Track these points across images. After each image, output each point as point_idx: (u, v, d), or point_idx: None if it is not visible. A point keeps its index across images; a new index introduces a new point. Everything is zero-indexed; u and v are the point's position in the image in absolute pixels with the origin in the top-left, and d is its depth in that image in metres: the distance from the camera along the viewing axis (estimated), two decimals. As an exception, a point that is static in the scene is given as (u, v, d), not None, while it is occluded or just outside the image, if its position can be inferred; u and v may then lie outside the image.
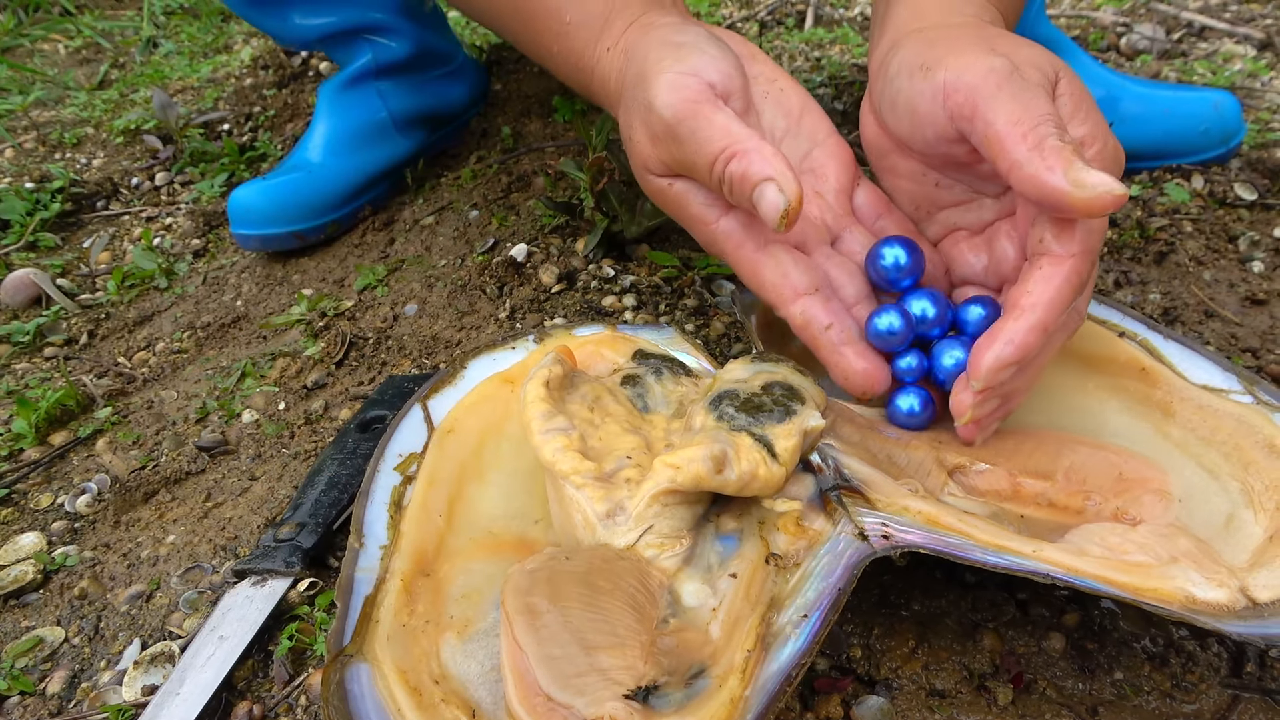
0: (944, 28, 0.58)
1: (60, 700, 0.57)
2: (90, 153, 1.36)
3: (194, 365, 0.90)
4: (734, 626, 0.46)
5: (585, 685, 0.43)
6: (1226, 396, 0.56)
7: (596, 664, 0.44)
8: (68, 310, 1.02)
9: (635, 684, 0.43)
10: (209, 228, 1.15)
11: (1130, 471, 0.54)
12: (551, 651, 0.44)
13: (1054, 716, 0.51)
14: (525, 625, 0.45)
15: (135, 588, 0.64)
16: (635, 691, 0.43)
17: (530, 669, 0.43)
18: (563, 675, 0.43)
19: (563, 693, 0.42)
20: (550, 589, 0.46)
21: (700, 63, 0.55)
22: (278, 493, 0.70)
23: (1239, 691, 0.51)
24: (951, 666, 0.53)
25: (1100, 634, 0.55)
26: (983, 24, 0.59)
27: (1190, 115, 1.00)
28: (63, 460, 0.79)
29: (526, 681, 0.43)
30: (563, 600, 0.46)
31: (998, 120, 0.49)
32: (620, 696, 0.42)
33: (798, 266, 0.56)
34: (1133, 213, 0.97)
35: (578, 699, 0.42)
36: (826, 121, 0.62)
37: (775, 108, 0.62)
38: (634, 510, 0.50)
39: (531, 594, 0.46)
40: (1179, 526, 0.51)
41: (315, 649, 0.57)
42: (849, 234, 0.60)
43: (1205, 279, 0.88)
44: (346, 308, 0.92)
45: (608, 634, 0.45)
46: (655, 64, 0.56)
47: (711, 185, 0.54)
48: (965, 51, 0.52)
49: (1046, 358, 0.53)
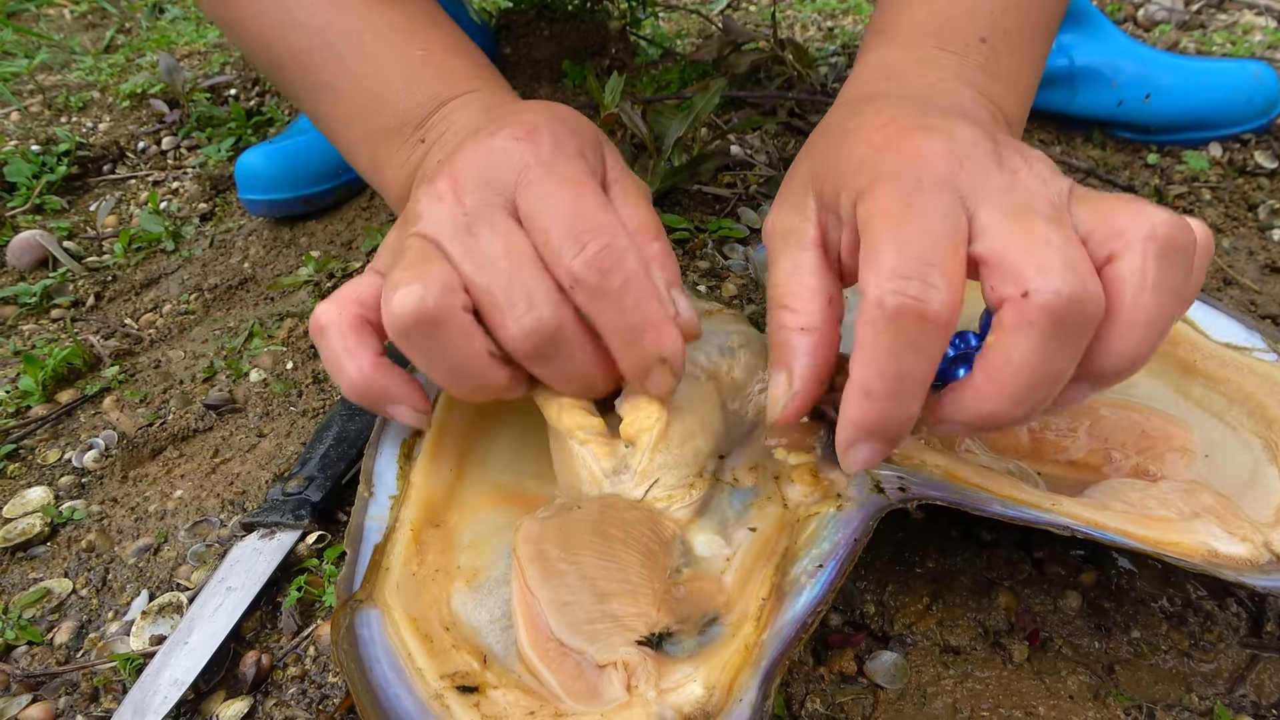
0: (863, 106, 0.48)
1: (68, 650, 0.56)
2: (96, 117, 1.35)
3: (201, 326, 0.90)
4: (748, 576, 0.46)
5: (597, 632, 0.42)
6: (1250, 354, 0.56)
7: (609, 611, 0.43)
8: (74, 272, 1.01)
9: (648, 631, 0.43)
10: (216, 191, 1.14)
11: (1153, 429, 0.53)
12: (564, 598, 0.43)
13: (1070, 674, 0.50)
14: (537, 572, 0.44)
15: (143, 541, 0.63)
16: (648, 638, 0.42)
17: (542, 614, 0.43)
18: (574, 621, 0.42)
19: (575, 638, 0.42)
20: (562, 536, 0.46)
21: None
22: (285, 449, 0.70)
23: (1258, 651, 0.51)
24: (966, 623, 0.53)
25: (1117, 593, 0.54)
26: (899, 106, 0.46)
27: (1231, 86, 0.98)
28: (70, 417, 0.78)
29: (538, 626, 0.43)
30: (575, 548, 0.45)
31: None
32: (633, 643, 0.42)
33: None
34: (1151, 180, 0.96)
35: (590, 645, 0.42)
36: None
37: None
38: (638, 466, 0.49)
39: (543, 542, 0.46)
40: (1201, 483, 0.50)
41: (324, 601, 0.57)
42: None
43: (1224, 247, 0.86)
44: (354, 269, 0.91)
45: (620, 581, 0.44)
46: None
47: None
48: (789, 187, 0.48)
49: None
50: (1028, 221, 0.39)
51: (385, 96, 0.56)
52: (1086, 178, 0.96)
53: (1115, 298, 0.38)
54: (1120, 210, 0.39)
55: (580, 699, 0.41)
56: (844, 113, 0.49)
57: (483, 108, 0.54)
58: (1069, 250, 0.38)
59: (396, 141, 0.56)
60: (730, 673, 0.41)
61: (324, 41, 0.56)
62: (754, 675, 0.41)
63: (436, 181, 0.47)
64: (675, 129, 0.85)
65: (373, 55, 0.56)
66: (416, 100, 0.55)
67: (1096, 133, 1.03)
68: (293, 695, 0.52)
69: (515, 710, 0.41)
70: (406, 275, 0.44)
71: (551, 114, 0.49)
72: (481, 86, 0.56)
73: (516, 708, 0.41)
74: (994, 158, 0.42)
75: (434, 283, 0.43)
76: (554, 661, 0.41)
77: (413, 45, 0.56)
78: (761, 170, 0.97)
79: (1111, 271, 0.39)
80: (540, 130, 0.47)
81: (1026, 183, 0.41)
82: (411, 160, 0.55)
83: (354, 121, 0.57)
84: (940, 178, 0.40)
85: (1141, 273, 0.38)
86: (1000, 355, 0.39)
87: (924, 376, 0.39)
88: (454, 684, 0.42)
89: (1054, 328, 0.37)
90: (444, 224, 0.45)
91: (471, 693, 0.42)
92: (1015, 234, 0.38)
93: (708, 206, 0.92)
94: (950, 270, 0.38)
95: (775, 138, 1.04)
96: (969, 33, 0.52)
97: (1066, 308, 0.37)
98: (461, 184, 0.46)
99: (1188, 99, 0.99)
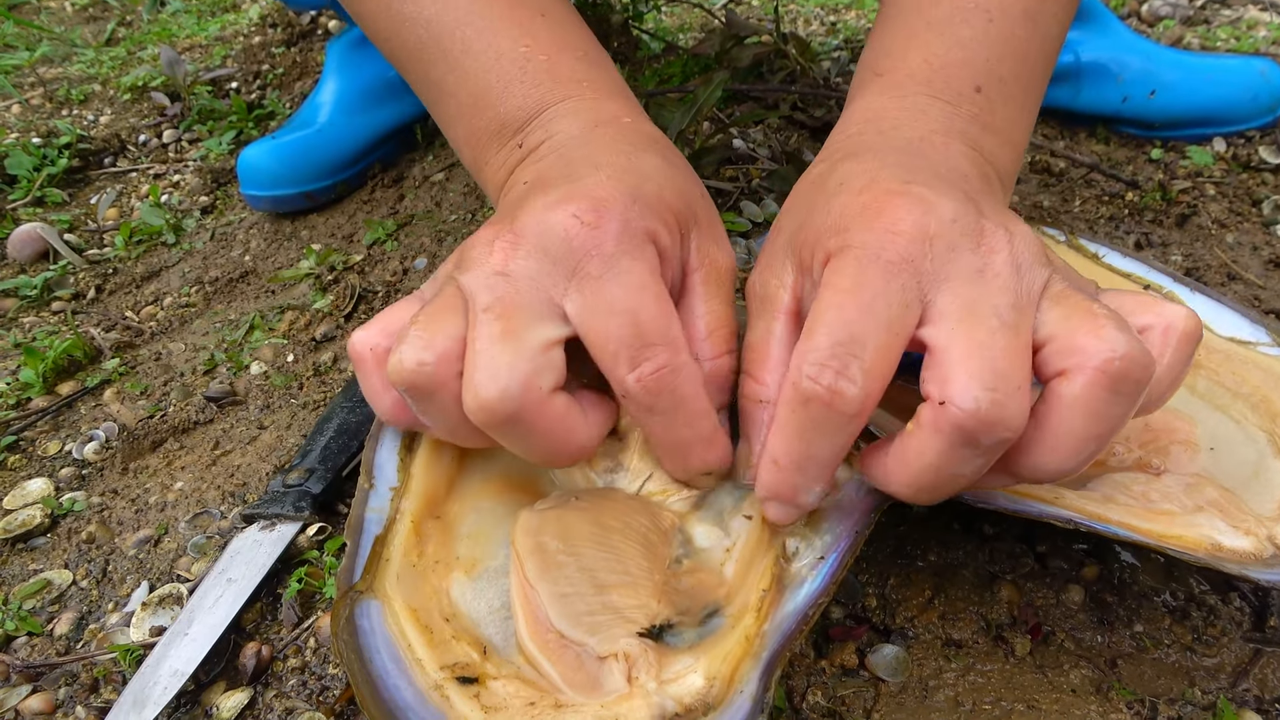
0: (847, 164, 0.47)
1: (68, 641, 0.56)
2: (98, 109, 1.35)
3: (202, 319, 0.90)
4: (748, 567, 0.45)
5: (598, 623, 0.42)
6: (1255, 349, 0.55)
7: (609, 602, 0.43)
8: (75, 265, 1.01)
9: (649, 622, 0.43)
10: (217, 184, 1.14)
11: (1156, 422, 0.53)
12: (563, 590, 0.43)
13: (1072, 668, 0.50)
14: (536, 564, 0.44)
15: (143, 532, 0.63)
16: (649, 630, 0.42)
17: (542, 606, 0.42)
18: (575, 613, 0.42)
19: (575, 630, 0.42)
20: (561, 528, 0.46)
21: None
22: (286, 441, 0.70)
23: (1261, 645, 0.51)
24: (968, 617, 0.52)
25: (1120, 587, 0.54)
26: (881, 165, 0.45)
27: (1237, 83, 0.98)
28: (70, 409, 0.78)
29: (538, 618, 0.42)
30: (574, 540, 0.45)
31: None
32: (634, 634, 0.42)
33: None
34: (1154, 175, 0.95)
35: (590, 637, 0.42)
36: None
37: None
38: (629, 463, 0.50)
39: (542, 534, 0.46)
40: (1205, 476, 0.50)
41: (324, 592, 0.56)
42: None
43: (1228, 242, 0.86)
44: (355, 261, 0.91)
45: (620, 573, 0.44)
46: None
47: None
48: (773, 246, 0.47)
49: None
50: (975, 323, 0.38)
51: (486, 98, 0.53)
52: (1090, 172, 0.96)
53: (1050, 414, 0.38)
54: (1085, 329, 0.38)
55: (581, 690, 0.41)
56: (826, 169, 0.48)
57: (587, 124, 0.51)
58: (1003, 363, 0.37)
59: (496, 144, 0.54)
60: (731, 664, 0.41)
61: (430, 37, 0.55)
62: (755, 667, 0.40)
63: (501, 235, 0.44)
64: (677, 122, 0.85)
65: (476, 53, 0.54)
66: (517, 103, 0.53)
67: (1100, 128, 1.03)
68: (293, 686, 0.52)
69: (515, 701, 0.41)
70: (416, 332, 0.44)
71: (633, 183, 0.46)
72: (587, 91, 0.53)
73: (516, 698, 0.41)
74: (971, 236, 0.40)
75: (434, 348, 0.43)
76: (554, 653, 0.41)
77: (517, 42, 0.54)
78: (764, 164, 0.96)
79: (1056, 387, 0.38)
80: (610, 211, 0.44)
81: (997, 271, 0.39)
82: (508, 164, 0.53)
83: (458, 120, 0.56)
84: (902, 258, 0.39)
85: (1083, 401, 0.37)
86: (912, 448, 0.39)
87: (830, 457, 0.40)
88: (454, 675, 0.42)
89: (962, 441, 0.37)
90: (484, 274, 0.44)
91: (471, 684, 0.42)
92: (957, 335, 0.38)
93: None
94: (874, 363, 0.38)
95: (778, 132, 1.03)
96: (964, 81, 0.50)
97: (976, 427, 0.36)
98: (518, 246, 0.44)
99: (1193, 96, 0.98)
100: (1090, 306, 0.39)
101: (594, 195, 0.44)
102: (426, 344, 0.43)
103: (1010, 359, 0.37)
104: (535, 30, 0.54)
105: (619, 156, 0.47)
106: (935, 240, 0.40)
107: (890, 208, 0.41)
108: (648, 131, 0.52)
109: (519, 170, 0.52)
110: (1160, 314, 0.41)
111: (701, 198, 0.50)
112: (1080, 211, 0.91)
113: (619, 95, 0.54)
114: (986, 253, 0.40)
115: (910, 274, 0.39)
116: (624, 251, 0.43)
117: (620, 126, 0.51)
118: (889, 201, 0.41)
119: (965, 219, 0.40)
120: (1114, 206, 0.91)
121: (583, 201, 0.44)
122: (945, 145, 0.47)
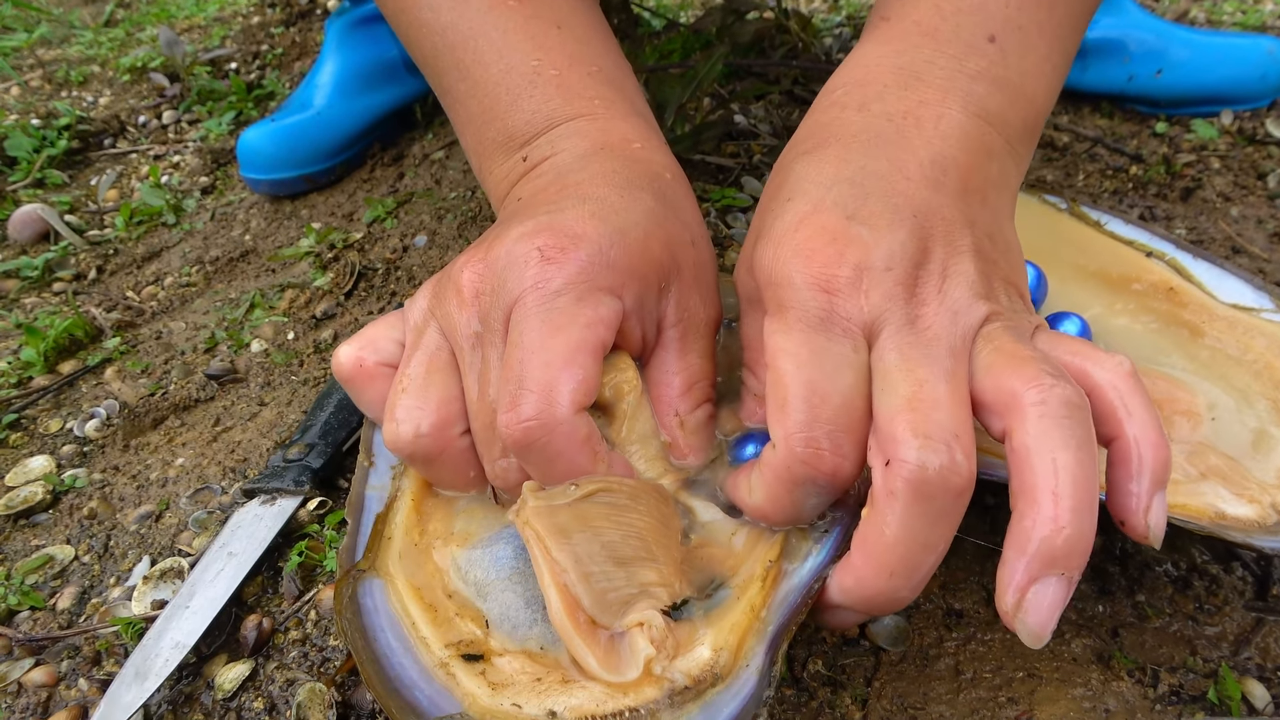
0: (798, 178, 0.44)
1: (70, 615, 0.56)
2: (97, 91, 1.34)
3: (202, 298, 0.89)
4: (757, 539, 0.45)
5: (626, 602, 0.41)
6: (1258, 315, 0.55)
7: (634, 580, 0.42)
8: (76, 246, 1.01)
9: (671, 600, 0.42)
10: (217, 165, 1.14)
11: (1158, 392, 0.52)
12: (589, 569, 0.42)
13: (1074, 637, 0.50)
14: (557, 544, 0.43)
15: (144, 508, 0.63)
16: (670, 608, 0.42)
17: (574, 586, 0.41)
18: (603, 593, 0.41)
19: (604, 613, 0.41)
20: (574, 510, 0.45)
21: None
22: (287, 418, 0.70)
23: (1264, 614, 0.50)
24: (970, 587, 0.52)
25: (1122, 557, 0.54)
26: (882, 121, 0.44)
27: (1245, 61, 0.97)
28: (71, 388, 0.78)
29: (571, 600, 0.41)
30: (590, 519, 0.44)
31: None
32: (659, 610, 0.41)
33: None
34: (1159, 149, 0.94)
35: (618, 618, 0.41)
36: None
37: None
38: (615, 437, 0.49)
39: (556, 515, 0.44)
40: (1207, 444, 0.49)
41: (325, 566, 0.56)
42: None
43: (1232, 215, 0.85)
44: (355, 239, 0.91)
45: (641, 550, 0.43)
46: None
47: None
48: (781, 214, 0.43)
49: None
50: (908, 376, 0.37)
51: (495, 109, 0.53)
52: (1094, 146, 0.95)
53: (1014, 455, 0.36)
54: (1011, 372, 0.37)
55: (613, 671, 0.40)
56: (790, 160, 0.46)
57: (593, 145, 0.50)
58: (939, 414, 0.36)
59: (502, 155, 0.53)
60: (738, 635, 0.41)
61: (445, 44, 0.54)
62: (761, 639, 0.40)
63: (471, 264, 0.45)
64: (677, 97, 0.84)
65: (487, 64, 0.53)
66: (525, 117, 0.52)
67: (1105, 104, 1.02)
68: (294, 658, 0.52)
69: (521, 677, 0.41)
70: (408, 399, 0.45)
71: (617, 225, 0.44)
72: (599, 109, 0.52)
73: (523, 674, 0.41)
74: (905, 285, 0.39)
75: (429, 417, 0.44)
76: (587, 634, 0.40)
77: (529, 55, 0.52)
78: (766, 140, 0.96)
79: (1010, 443, 0.37)
80: (578, 249, 0.43)
81: (930, 322, 0.39)
82: (510, 177, 0.53)
83: (467, 128, 0.55)
84: (843, 318, 0.39)
85: (1035, 437, 0.35)
86: (874, 528, 0.38)
87: (817, 508, 0.42)
88: (459, 652, 0.42)
89: (916, 497, 0.36)
90: (460, 326, 0.45)
91: (477, 660, 0.42)
92: (894, 393, 0.37)
93: (711, 176, 0.91)
94: (853, 437, 0.39)
95: (779, 108, 1.03)
96: (975, 31, 0.46)
97: (926, 478, 0.35)
98: (484, 281, 0.44)
99: (1200, 75, 0.98)
100: (1016, 350, 0.38)
101: (569, 231, 0.43)
102: (422, 411, 0.44)
103: (948, 409, 0.36)
104: (549, 44, 0.53)
105: (612, 192, 0.46)
106: (870, 291, 0.39)
107: (824, 252, 0.40)
108: (654, 163, 0.51)
109: (519, 185, 0.52)
110: (1097, 361, 0.39)
111: (691, 245, 0.48)
112: (1084, 185, 0.90)
113: (632, 115, 0.53)
114: (918, 304, 0.39)
115: (854, 333, 0.39)
116: (567, 292, 0.42)
117: (626, 154, 0.50)
118: (824, 245, 0.40)
119: (899, 265, 0.39)
120: (1118, 180, 0.90)
121: (553, 236, 0.43)
122: (936, 119, 0.44)
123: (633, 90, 0.55)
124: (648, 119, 0.55)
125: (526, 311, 0.42)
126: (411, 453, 0.45)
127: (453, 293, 0.45)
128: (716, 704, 0.38)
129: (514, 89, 0.52)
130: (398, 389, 0.45)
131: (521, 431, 0.41)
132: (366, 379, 0.48)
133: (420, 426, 0.44)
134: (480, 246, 0.46)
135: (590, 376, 0.42)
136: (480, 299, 0.44)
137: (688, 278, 0.47)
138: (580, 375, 0.41)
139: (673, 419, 0.47)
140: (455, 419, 0.45)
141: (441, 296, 0.46)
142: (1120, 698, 0.47)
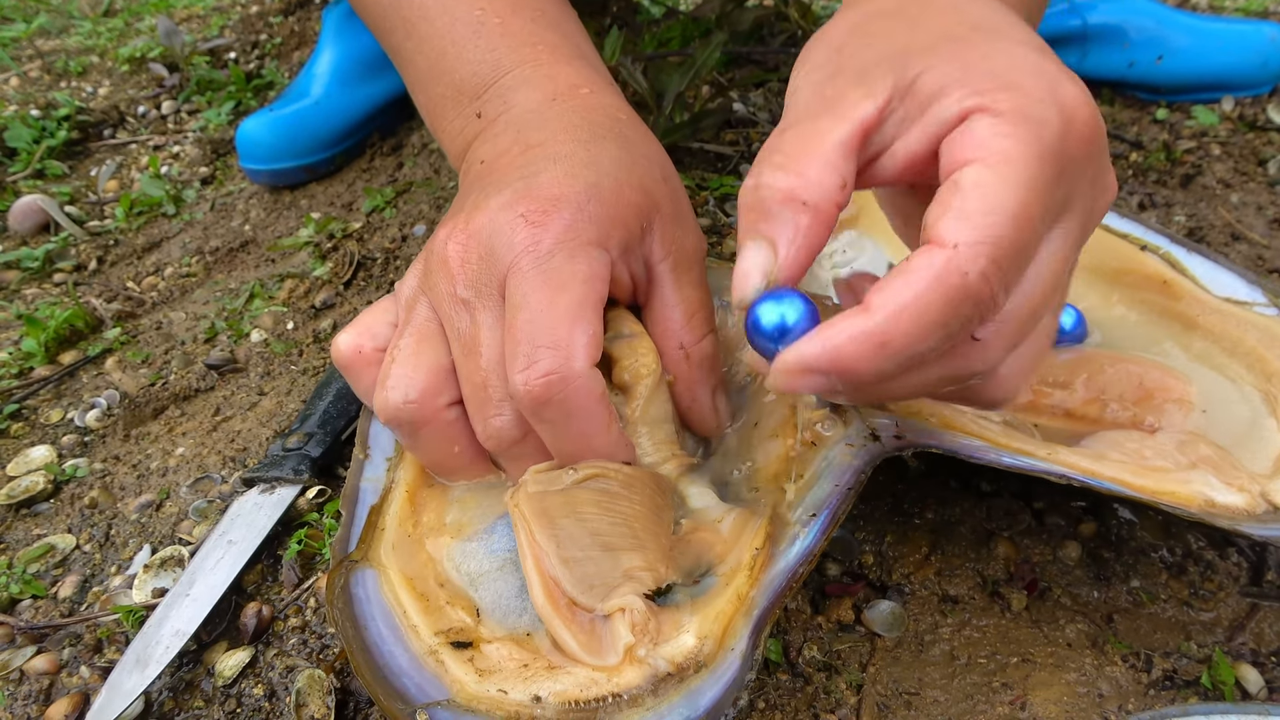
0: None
1: (72, 603, 0.57)
2: (96, 81, 1.34)
3: (202, 288, 0.90)
4: (744, 525, 0.45)
5: (608, 587, 0.42)
6: (1251, 309, 0.55)
7: (618, 566, 0.42)
8: (76, 237, 1.01)
9: (655, 585, 0.42)
10: (216, 155, 1.14)
11: (1151, 381, 0.52)
12: (572, 554, 0.42)
13: (1068, 622, 0.50)
14: (543, 529, 0.43)
15: (145, 497, 0.64)
16: (653, 593, 0.42)
17: (554, 569, 0.42)
18: (585, 576, 0.42)
19: (585, 595, 0.41)
20: (565, 495, 0.45)
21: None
22: (286, 407, 0.70)
23: (1258, 599, 0.51)
24: (965, 573, 0.53)
25: (1117, 543, 0.54)
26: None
27: (1246, 48, 0.96)
28: (72, 378, 0.79)
29: (552, 584, 0.42)
30: (579, 505, 0.45)
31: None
32: (641, 596, 0.41)
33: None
34: (1159, 135, 0.94)
35: (600, 602, 0.41)
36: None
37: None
38: (631, 415, 0.49)
39: (546, 499, 0.45)
40: (1198, 434, 0.50)
41: (324, 554, 0.57)
42: None
43: (1232, 202, 0.85)
44: (355, 229, 0.91)
45: (628, 537, 0.44)
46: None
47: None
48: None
49: (902, 388, 0.37)
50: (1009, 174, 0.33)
51: (442, 63, 0.53)
52: (1093, 134, 0.95)
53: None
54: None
55: (594, 654, 0.41)
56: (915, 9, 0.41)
57: (545, 96, 0.50)
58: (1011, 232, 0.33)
59: (453, 109, 0.54)
60: (723, 623, 0.41)
61: (392, 3, 0.55)
62: (746, 625, 0.40)
63: (454, 236, 0.45)
64: (676, 84, 0.84)
65: (432, 18, 0.53)
66: (471, 68, 0.52)
67: (1106, 90, 1.02)
68: (293, 645, 0.52)
69: (509, 664, 0.41)
70: (398, 368, 0.45)
71: (590, 179, 0.45)
72: (544, 54, 0.52)
73: (510, 661, 0.41)
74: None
75: (418, 383, 0.45)
76: (568, 617, 0.41)
77: (472, 5, 0.53)
78: (765, 127, 0.96)
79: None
80: (558, 211, 0.43)
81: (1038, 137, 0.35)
82: (466, 133, 0.53)
83: (418, 87, 0.56)
84: (1062, 154, 0.34)
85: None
86: (900, 280, 0.34)
87: (937, 350, 0.35)
88: (448, 640, 0.42)
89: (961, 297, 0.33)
90: (445, 297, 0.45)
91: (466, 648, 0.42)
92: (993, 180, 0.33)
93: (709, 164, 0.91)
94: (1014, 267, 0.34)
95: (779, 95, 1.02)
96: None
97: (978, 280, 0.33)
98: (469, 251, 0.45)
99: (1201, 61, 0.97)
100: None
101: (547, 194, 0.44)
102: (411, 378, 0.45)
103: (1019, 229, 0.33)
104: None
105: (578, 147, 0.47)
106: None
107: (1059, 77, 0.35)
108: (608, 107, 0.51)
109: (476, 144, 0.52)
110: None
111: (663, 181, 0.49)
112: (1083, 173, 0.90)
113: (577, 58, 0.53)
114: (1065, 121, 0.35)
115: (1068, 180, 0.35)
116: (560, 251, 0.43)
117: (579, 101, 0.50)
118: (1056, 69, 0.36)
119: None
120: (1118, 167, 0.90)
121: (534, 201, 0.44)
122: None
123: (576, 32, 0.56)
124: (592, 61, 0.55)
125: (524, 274, 0.42)
126: (400, 418, 0.45)
127: (439, 265, 0.45)
128: (699, 690, 0.39)
129: (459, 40, 0.53)
130: (389, 359, 0.46)
131: (542, 385, 0.41)
132: (365, 365, 0.48)
133: (409, 393, 0.45)
134: (459, 217, 0.46)
135: (598, 331, 0.43)
136: (467, 267, 0.45)
137: (667, 212, 0.48)
138: (590, 330, 0.42)
139: (678, 353, 0.48)
140: (444, 387, 0.46)
141: (429, 271, 0.47)
142: (1114, 683, 0.47)
